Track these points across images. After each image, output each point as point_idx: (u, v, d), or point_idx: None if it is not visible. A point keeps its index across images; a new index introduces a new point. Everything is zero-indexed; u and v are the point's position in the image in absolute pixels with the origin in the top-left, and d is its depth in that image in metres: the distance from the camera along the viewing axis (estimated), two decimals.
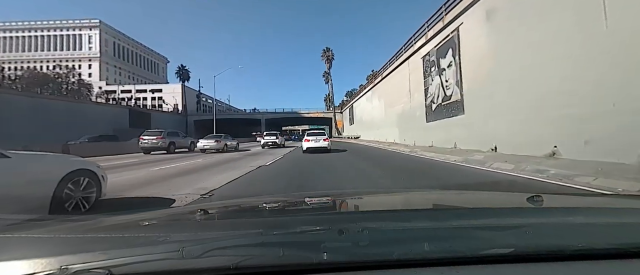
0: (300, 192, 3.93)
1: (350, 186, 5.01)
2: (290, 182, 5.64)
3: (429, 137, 14.09)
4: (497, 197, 1.64)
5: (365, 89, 32.16)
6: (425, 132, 14.78)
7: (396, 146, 16.26)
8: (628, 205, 1.24)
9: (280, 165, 8.63)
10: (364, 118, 32.88)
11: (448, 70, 12.42)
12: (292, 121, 66.03)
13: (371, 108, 28.96)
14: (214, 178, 5.94)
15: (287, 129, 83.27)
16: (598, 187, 4.07)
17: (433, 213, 1.16)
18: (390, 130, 21.37)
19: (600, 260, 0.62)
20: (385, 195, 1.87)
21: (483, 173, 6.15)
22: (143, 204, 3.71)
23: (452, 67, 12.01)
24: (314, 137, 12.49)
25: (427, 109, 14.78)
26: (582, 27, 6.29)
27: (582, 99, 6.23)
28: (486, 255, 0.63)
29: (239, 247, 0.69)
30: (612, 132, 5.57)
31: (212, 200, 3.81)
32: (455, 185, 4.90)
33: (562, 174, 4.93)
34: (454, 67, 11.87)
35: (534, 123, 7.65)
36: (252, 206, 1.52)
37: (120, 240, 0.80)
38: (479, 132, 10.12)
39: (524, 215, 1.03)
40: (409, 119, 17.40)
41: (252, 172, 6.95)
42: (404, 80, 18.25)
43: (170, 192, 4.40)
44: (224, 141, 15.97)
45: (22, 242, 0.81)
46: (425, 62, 14.93)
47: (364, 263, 0.62)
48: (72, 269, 0.55)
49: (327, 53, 53.40)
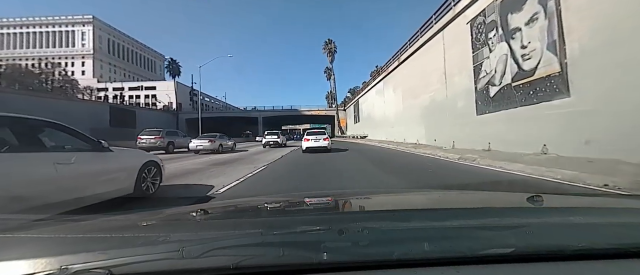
0: (300, 192, 3.92)
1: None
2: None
3: (482, 137, 9.47)
4: (497, 197, 1.63)
5: (375, 80, 27.22)
6: (475, 129, 10.12)
7: (424, 149, 11.69)
8: (628, 205, 1.24)
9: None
10: (373, 114, 27.96)
11: (528, 29, 7.67)
12: (291, 120, 60.92)
13: (382, 102, 24.19)
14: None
15: (287, 128, 78.88)
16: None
17: (433, 213, 1.13)
18: (410, 128, 16.80)
19: (600, 260, 0.61)
20: (385, 195, 1.85)
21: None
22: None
23: (539, 21, 7.26)
24: (314, 137, 12.35)
25: (478, 95, 10.05)
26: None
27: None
28: (486, 255, 0.62)
29: (239, 247, 0.69)
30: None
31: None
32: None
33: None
34: (542, 20, 7.14)
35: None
36: (252, 206, 1.53)
37: (120, 240, 0.80)
38: (607, 127, 5.53)
39: (524, 215, 1.02)
40: (443, 111, 12.70)
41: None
42: (434, 60, 13.53)
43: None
44: (219, 141, 14.53)
45: (22, 242, 0.80)
46: (476, 28, 10.15)
47: (364, 263, 0.62)
48: (72, 269, 0.55)
49: (329, 45, 48.49)
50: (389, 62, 22.67)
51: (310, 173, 6.52)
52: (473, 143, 9.96)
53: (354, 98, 43.68)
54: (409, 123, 17.03)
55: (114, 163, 3.34)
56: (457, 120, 11.46)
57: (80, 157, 2.81)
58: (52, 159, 2.56)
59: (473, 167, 6.63)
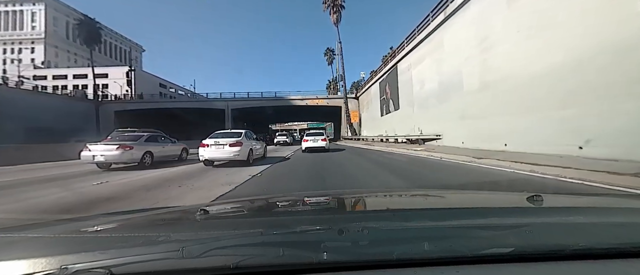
0: (300, 192, 3.80)
1: None
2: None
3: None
4: (497, 197, 1.59)
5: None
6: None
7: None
8: (628, 205, 1.22)
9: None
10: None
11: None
12: (279, 114, 40.19)
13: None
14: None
15: (280, 127, 59.91)
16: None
17: (433, 213, 1.11)
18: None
19: (600, 260, 0.60)
20: (385, 195, 1.77)
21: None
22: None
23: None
24: (313, 137, 13.53)
25: None
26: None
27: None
28: (486, 255, 0.61)
29: (239, 247, 0.68)
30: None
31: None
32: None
33: None
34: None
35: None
36: (252, 206, 1.48)
37: (120, 240, 0.79)
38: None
39: (524, 215, 1.00)
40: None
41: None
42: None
43: None
44: (143, 147, 8.42)
45: (22, 242, 0.80)
46: None
47: (364, 263, 0.60)
48: (72, 269, 0.54)
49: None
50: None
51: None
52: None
53: (378, 73, 24.63)
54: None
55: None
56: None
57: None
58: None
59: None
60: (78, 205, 3.96)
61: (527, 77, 7.85)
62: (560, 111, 6.84)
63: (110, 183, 5.63)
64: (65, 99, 31.64)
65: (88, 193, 4.70)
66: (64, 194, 4.72)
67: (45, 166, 9.47)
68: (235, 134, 8.65)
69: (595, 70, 6.03)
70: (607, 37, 5.77)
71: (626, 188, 3.58)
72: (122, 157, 7.76)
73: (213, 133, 8.81)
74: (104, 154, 7.68)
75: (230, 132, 9.02)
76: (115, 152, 7.68)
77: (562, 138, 6.67)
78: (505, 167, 5.90)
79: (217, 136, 8.45)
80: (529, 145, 7.53)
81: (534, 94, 7.65)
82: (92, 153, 7.70)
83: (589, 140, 6.02)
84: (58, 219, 1.93)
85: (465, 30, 10.82)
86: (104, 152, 7.72)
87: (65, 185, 5.48)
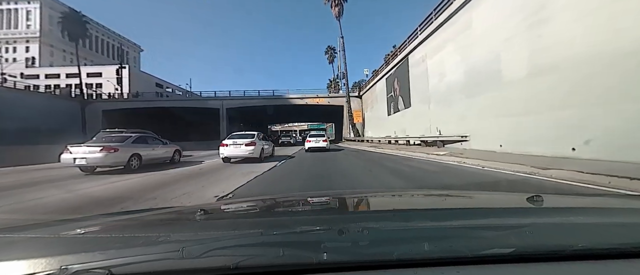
0: (300, 192, 3.84)
1: None
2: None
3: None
4: (497, 197, 1.56)
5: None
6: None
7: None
8: (628, 205, 1.20)
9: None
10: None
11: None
12: (278, 114, 37.73)
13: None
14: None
15: (281, 128, 57.82)
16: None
17: (433, 213, 1.10)
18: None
19: (600, 260, 0.59)
20: (385, 195, 1.78)
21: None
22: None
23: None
24: (315, 138, 15.14)
25: None
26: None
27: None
28: (486, 255, 0.60)
29: (239, 247, 0.68)
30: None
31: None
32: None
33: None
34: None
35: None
36: (251, 206, 1.50)
37: (120, 240, 0.78)
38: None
39: (524, 215, 0.99)
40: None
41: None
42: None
43: None
44: (130, 149, 7.82)
45: (22, 242, 0.79)
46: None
47: (364, 263, 0.60)
48: (72, 269, 0.53)
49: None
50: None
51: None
52: None
53: (382, 70, 22.44)
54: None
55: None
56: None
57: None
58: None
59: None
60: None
61: (611, 54, 5.56)
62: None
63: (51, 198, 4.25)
64: (47, 97, 28.35)
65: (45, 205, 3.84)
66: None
67: (14, 170, 8.30)
68: (250, 135, 9.86)
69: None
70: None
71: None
72: (106, 160, 7.13)
73: (230, 134, 10.23)
74: (86, 157, 7.01)
75: (245, 134, 10.19)
76: (99, 155, 7.03)
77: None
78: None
79: (234, 137, 9.73)
80: (611, 151, 5.24)
81: (625, 76, 5.36)
82: (72, 155, 7.04)
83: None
84: (58, 219, 1.94)
85: (505, 2, 8.55)
86: (86, 154, 7.06)
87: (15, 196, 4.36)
